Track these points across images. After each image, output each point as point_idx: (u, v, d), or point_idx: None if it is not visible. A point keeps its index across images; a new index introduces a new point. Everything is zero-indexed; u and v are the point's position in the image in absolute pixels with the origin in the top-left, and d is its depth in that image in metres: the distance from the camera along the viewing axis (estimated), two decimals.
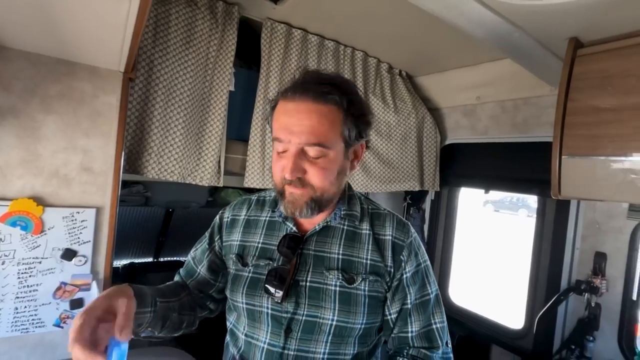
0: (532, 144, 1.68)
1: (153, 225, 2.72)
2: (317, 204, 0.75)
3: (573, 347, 1.48)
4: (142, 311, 0.70)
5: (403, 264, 0.80)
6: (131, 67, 1.16)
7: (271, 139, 1.69)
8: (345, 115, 0.74)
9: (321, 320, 0.75)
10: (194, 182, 1.51)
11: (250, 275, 0.81)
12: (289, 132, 0.71)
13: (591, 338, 1.46)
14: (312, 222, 0.82)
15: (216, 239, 0.92)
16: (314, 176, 0.73)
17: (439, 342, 0.80)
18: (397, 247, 0.81)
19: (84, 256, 1.16)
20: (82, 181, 1.16)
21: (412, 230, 0.86)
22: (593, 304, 1.47)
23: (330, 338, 0.76)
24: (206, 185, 1.55)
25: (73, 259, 1.15)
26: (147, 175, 1.35)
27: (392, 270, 0.80)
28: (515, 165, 1.81)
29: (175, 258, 2.94)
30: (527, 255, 1.83)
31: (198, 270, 0.91)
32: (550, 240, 1.67)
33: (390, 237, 0.82)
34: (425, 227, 2.25)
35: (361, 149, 0.82)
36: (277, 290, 0.74)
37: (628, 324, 1.42)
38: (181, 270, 0.95)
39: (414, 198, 2.26)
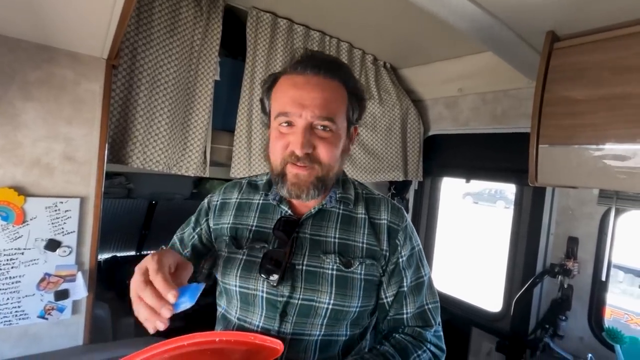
0: (511, 134, 1.75)
1: (136, 217, 2.67)
2: (322, 184, 0.74)
3: (547, 326, 1.57)
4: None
5: (399, 248, 0.81)
6: (115, 53, 1.14)
7: (259, 127, 1.68)
8: (349, 95, 0.75)
9: (317, 304, 0.75)
10: (179, 173, 1.50)
11: (244, 257, 0.80)
12: (300, 106, 0.70)
13: (564, 317, 1.55)
14: (307, 206, 0.82)
15: (203, 223, 0.90)
16: (323, 151, 0.72)
17: (432, 321, 0.83)
18: (392, 231, 0.82)
19: (68, 247, 1.14)
20: (65, 170, 1.13)
21: (406, 215, 0.87)
22: (566, 286, 1.56)
23: (325, 321, 0.76)
24: (192, 175, 1.54)
25: (57, 250, 1.12)
26: (132, 165, 1.33)
27: (388, 254, 0.81)
28: (495, 156, 1.88)
29: None
30: (505, 243, 1.91)
31: (182, 252, 0.90)
32: (527, 226, 1.75)
33: (385, 222, 0.83)
34: (409, 216, 2.31)
35: (355, 131, 0.83)
36: (272, 274, 0.74)
37: (597, 303, 1.51)
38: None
39: (398, 188, 2.31)
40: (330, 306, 0.75)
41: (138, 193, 2.21)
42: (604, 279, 1.47)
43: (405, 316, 0.82)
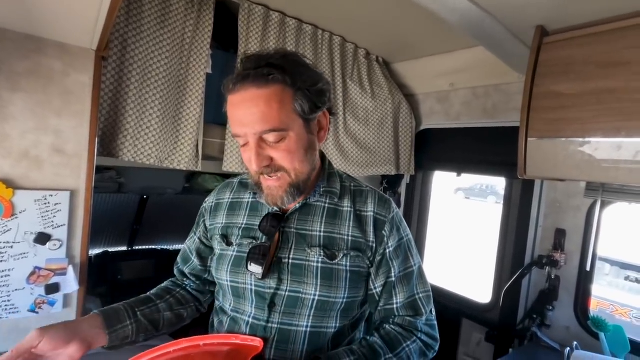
0: (501, 128, 1.77)
1: (127, 212, 2.64)
2: (296, 189, 0.75)
3: (535, 316, 1.61)
4: (121, 326, 0.78)
5: (385, 239, 0.82)
6: (104, 45, 1.12)
7: None
8: (294, 91, 0.71)
9: (303, 296, 0.77)
10: (171, 166, 1.49)
11: (234, 254, 0.83)
12: (242, 125, 0.70)
13: (551, 307, 1.59)
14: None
15: (201, 225, 0.95)
16: (282, 160, 0.73)
17: (423, 310, 0.84)
18: (378, 223, 0.83)
19: (58, 240, 1.13)
20: (55, 163, 1.12)
21: (394, 206, 0.87)
22: (553, 277, 1.60)
23: (312, 312, 0.78)
24: (184, 169, 1.53)
25: (47, 243, 1.11)
26: (122, 158, 1.32)
27: (375, 245, 0.82)
28: (486, 149, 1.90)
29: (150, 246, 2.88)
30: (495, 237, 1.94)
31: (192, 259, 0.96)
32: (516, 218, 1.78)
33: (372, 213, 0.83)
34: (401, 211, 2.33)
35: (325, 118, 0.80)
36: (257, 268, 0.76)
37: (583, 293, 1.55)
38: (178, 258, 1.00)
39: (391, 182, 2.32)
40: (316, 297, 0.77)
41: (129, 188, 2.18)
42: (589, 269, 1.51)
43: (395, 306, 0.83)
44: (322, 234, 0.81)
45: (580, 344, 1.35)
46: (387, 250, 0.82)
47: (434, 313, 0.87)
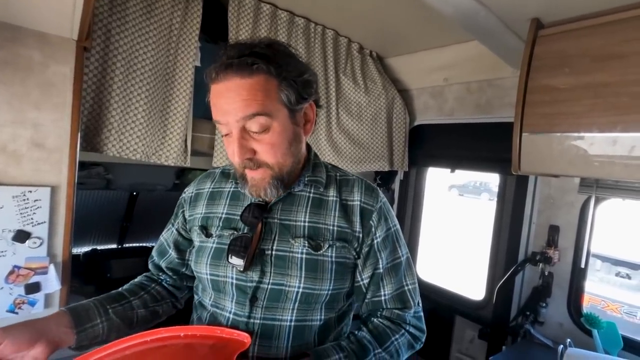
0: (495, 124, 1.75)
1: (116, 209, 2.59)
2: (280, 181, 0.74)
3: (528, 313, 1.60)
4: (91, 325, 0.74)
5: (373, 229, 0.80)
6: (85, 35, 1.07)
7: None
8: (279, 81, 0.69)
9: (287, 288, 0.75)
10: (159, 162, 1.45)
11: (214, 245, 0.80)
12: (224, 113, 0.68)
13: (544, 304, 1.58)
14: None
15: (179, 216, 0.91)
16: (264, 153, 0.71)
17: (411, 302, 0.82)
18: (365, 213, 0.80)
19: (38, 238, 1.09)
20: (34, 158, 1.08)
21: (382, 195, 0.84)
22: (546, 273, 1.59)
23: (296, 305, 0.76)
24: (172, 164, 1.49)
25: (27, 241, 1.07)
26: (107, 153, 1.28)
27: (361, 235, 0.79)
28: (479, 145, 1.88)
29: (141, 244, 2.83)
30: (488, 234, 1.93)
31: (170, 252, 0.91)
32: (510, 215, 1.77)
33: (358, 203, 0.81)
34: (395, 207, 2.31)
35: (311, 109, 0.78)
36: (239, 260, 0.73)
37: (576, 290, 1.54)
38: (153, 252, 0.95)
39: (384, 178, 2.30)
40: (300, 289, 0.75)
41: (118, 184, 2.13)
42: (583, 266, 1.50)
43: (383, 298, 0.81)
44: (306, 224, 0.78)
45: (574, 341, 1.34)
46: (375, 241, 0.80)
47: (420, 304, 0.86)
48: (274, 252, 0.76)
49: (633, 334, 1.44)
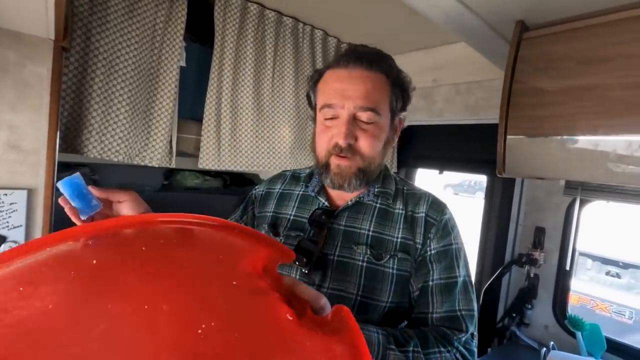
0: (483, 125, 1.75)
1: None
2: (364, 175, 0.76)
3: (514, 314, 1.60)
4: None
5: (429, 241, 0.78)
6: (62, 34, 1.05)
7: (228, 116, 1.62)
8: (393, 85, 0.77)
9: (345, 294, 0.74)
10: (142, 163, 1.43)
11: None
12: (343, 97, 0.73)
13: (530, 306, 1.58)
14: (344, 199, 0.83)
15: (249, 212, 0.95)
16: (365, 143, 0.74)
17: (464, 326, 0.74)
18: (428, 225, 0.79)
19: (14, 242, 1.07)
20: (10, 160, 1.05)
21: (449, 211, 0.83)
22: (532, 275, 1.59)
23: (354, 314, 0.72)
24: (156, 166, 1.47)
25: (1, 245, 1.05)
26: (88, 155, 1.26)
27: (420, 246, 0.78)
28: (468, 147, 1.88)
29: None
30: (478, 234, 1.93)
31: None
32: (497, 217, 1.77)
33: (423, 215, 0.80)
34: None
35: (400, 122, 0.84)
36: (304, 262, 0.75)
37: (561, 292, 1.55)
38: None
39: None
40: (358, 298, 0.74)
41: (104, 185, 2.11)
42: (568, 268, 1.50)
43: (430, 316, 0.75)
44: (370, 233, 0.79)
45: (559, 343, 1.34)
46: (429, 252, 0.78)
47: (475, 338, 0.76)
48: (336, 258, 0.77)
49: (621, 333, 1.45)
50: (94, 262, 0.37)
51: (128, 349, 0.28)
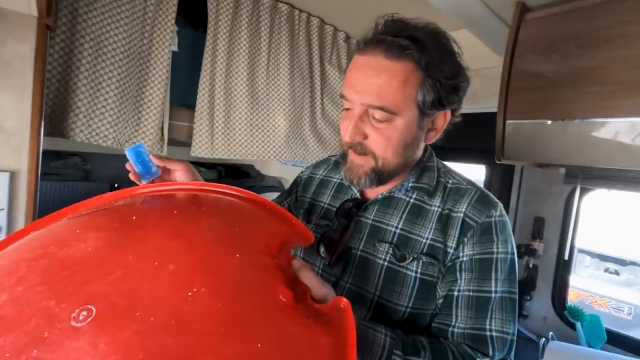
0: (482, 114, 1.71)
1: None
2: (377, 176, 0.69)
3: None
4: None
5: (462, 246, 0.67)
6: (46, 11, 1.01)
7: (221, 104, 1.60)
8: (424, 77, 0.63)
9: (363, 292, 0.70)
10: None
11: None
12: (354, 91, 0.65)
13: (528, 297, 1.56)
14: (376, 191, 0.76)
15: (293, 194, 0.95)
16: (375, 143, 0.66)
17: (489, 350, 0.63)
18: (465, 226, 0.68)
19: None
20: None
21: (497, 212, 0.69)
22: (531, 266, 1.56)
23: (369, 315, 0.69)
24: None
25: None
26: (74, 139, 1.22)
27: (452, 251, 0.68)
28: (466, 136, 1.84)
29: None
30: None
31: None
32: None
33: (462, 215, 0.69)
34: None
35: (444, 118, 0.71)
36: (327, 252, 0.73)
37: (560, 283, 1.52)
38: None
39: None
40: (375, 298, 0.69)
41: (97, 175, 2.07)
42: (567, 258, 1.47)
43: (451, 329, 0.66)
44: (397, 230, 0.71)
45: (558, 334, 1.31)
46: (461, 258, 0.67)
47: None
48: (359, 252, 0.73)
49: (620, 329, 1.42)
50: (134, 217, 0.43)
51: (129, 299, 0.32)
